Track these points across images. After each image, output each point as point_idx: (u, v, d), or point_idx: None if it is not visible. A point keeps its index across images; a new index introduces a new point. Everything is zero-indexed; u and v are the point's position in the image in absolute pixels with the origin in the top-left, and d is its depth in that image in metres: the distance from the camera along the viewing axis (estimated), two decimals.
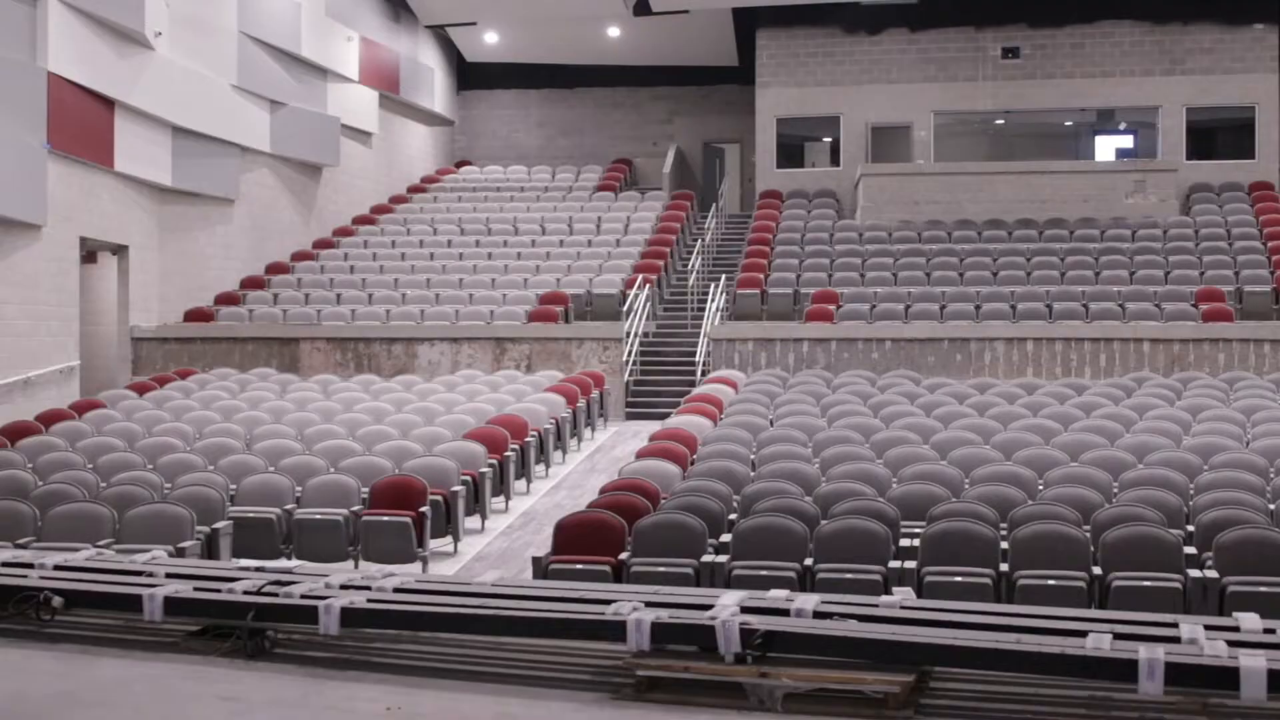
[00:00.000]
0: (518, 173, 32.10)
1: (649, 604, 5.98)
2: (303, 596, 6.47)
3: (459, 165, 33.46)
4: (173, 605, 6.57)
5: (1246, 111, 28.15)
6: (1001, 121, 30.81)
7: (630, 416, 21.12)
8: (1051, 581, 9.19)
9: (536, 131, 33.81)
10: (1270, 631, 5.58)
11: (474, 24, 31.32)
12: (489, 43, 32.33)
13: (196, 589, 6.72)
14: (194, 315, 23.09)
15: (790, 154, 30.51)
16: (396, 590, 6.65)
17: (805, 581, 9.46)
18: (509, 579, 7.68)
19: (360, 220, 28.96)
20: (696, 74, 32.22)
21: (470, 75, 33.94)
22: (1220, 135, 29.47)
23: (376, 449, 14.42)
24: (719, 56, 31.37)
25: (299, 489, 12.69)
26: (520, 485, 15.77)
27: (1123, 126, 31.44)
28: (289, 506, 12.38)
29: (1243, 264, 23.21)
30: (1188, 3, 28.20)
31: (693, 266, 25.13)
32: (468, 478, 13.57)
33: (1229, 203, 26.70)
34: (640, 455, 13.88)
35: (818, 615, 5.85)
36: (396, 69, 30.51)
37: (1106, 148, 31.83)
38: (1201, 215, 25.98)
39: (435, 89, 32.49)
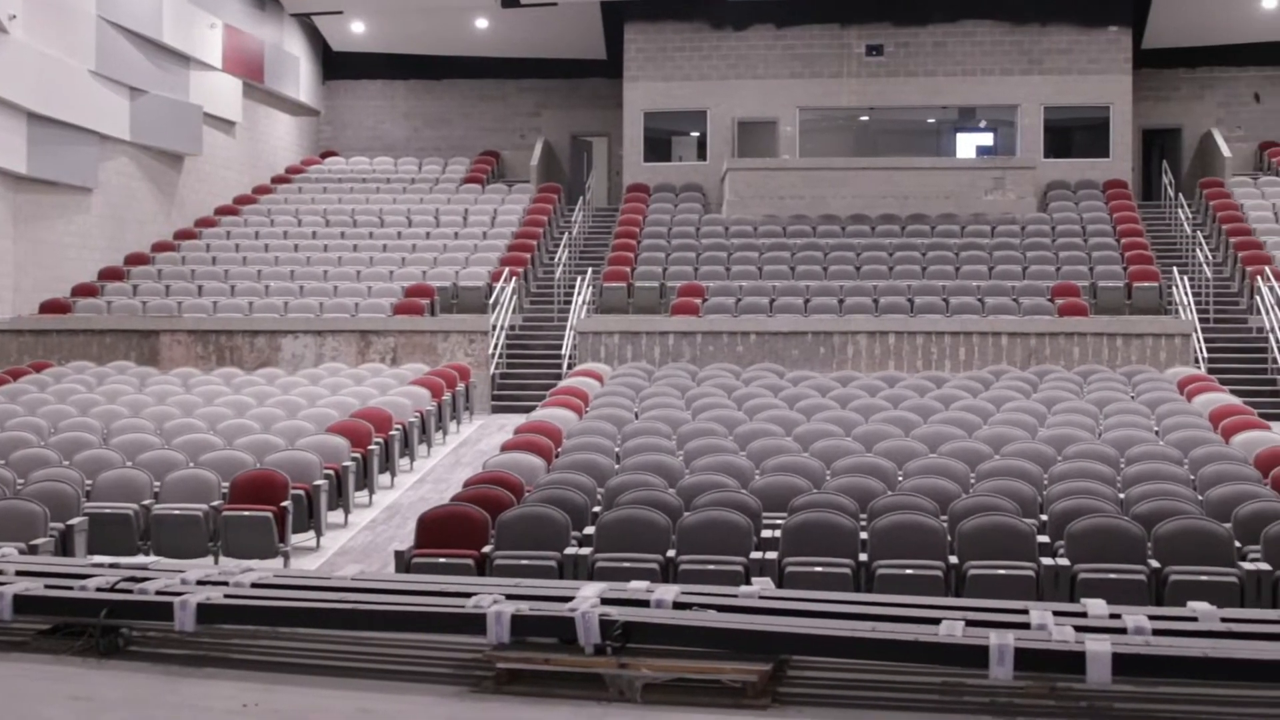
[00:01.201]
0: (384, 164, 31.79)
1: (510, 597, 5.98)
2: (158, 593, 6.37)
3: (324, 156, 33.04)
4: (22, 603, 6.43)
5: (1101, 111, 28.82)
6: (865, 118, 31.20)
7: (496, 410, 21.05)
8: (909, 571, 9.36)
9: (403, 123, 33.51)
10: (1115, 617, 5.73)
11: (340, 13, 30.96)
12: (355, 32, 31.99)
13: (48, 586, 6.57)
14: (50, 307, 22.54)
15: (657, 148, 30.62)
16: (254, 585, 6.57)
17: (668, 573, 9.53)
18: (371, 573, 7.63)
19: (223, 210, 28.48)
20: (564, 67, 32.15)
21: (336, 65, 33.49)
22: (1076, 134, 30.16)
23: (237, 443, 14.21)
24: (587, 49, 31.36)
25: (157, 484, 12.46)
26: (385, 479, 15.65)
27: (983, 124, 32.06)
28: (147, 502, 12.14)
29: (1097, 260, 23.78)
30: (1046, 4, 28.82)
31: (559, 260, 25.12)
32: (330, 472, 13.43)
33: (1084, 200, 27.33)
34: (505, 448, 13.86)
35: (677, 606, 5.89)
36: (261, 57, 30.04)
37: (967, 145, 32.43)
38: (1058, 212, 26.57)
39: (301, 78, 32.07)
